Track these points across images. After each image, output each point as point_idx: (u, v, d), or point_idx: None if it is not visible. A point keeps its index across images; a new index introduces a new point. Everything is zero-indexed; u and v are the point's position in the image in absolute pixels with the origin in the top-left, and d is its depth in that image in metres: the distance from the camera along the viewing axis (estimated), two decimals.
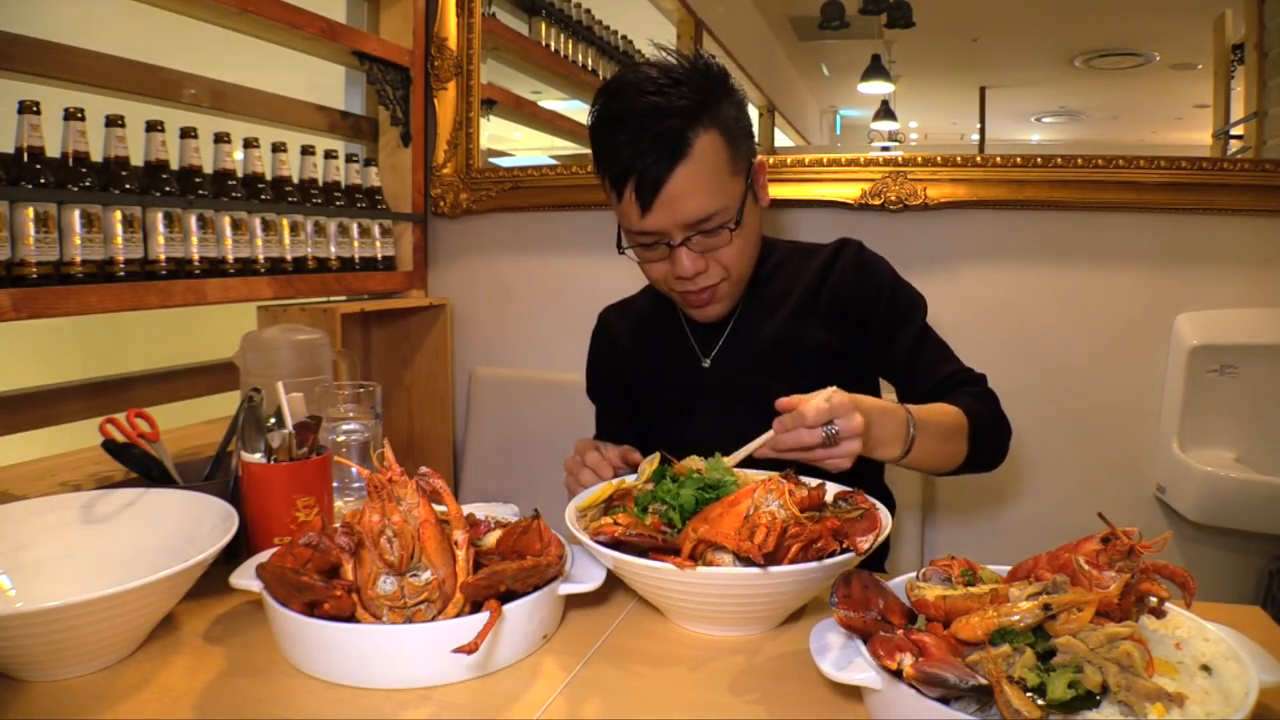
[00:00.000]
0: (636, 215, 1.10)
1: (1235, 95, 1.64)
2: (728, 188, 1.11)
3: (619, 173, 1.10)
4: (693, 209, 1.09)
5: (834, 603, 0.67)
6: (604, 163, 1.13)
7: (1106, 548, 0.68)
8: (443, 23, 1.99)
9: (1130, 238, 1.65)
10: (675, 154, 1.07)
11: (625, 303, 1.44)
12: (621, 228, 1.18)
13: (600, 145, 1.14)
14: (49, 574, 0.87)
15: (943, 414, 1.12)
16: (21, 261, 1.18)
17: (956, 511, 1.79)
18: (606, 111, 1.13)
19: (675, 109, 1.08)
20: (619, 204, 1.13)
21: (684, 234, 1.11)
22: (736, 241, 1.14)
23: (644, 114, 1.08)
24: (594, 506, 0.96)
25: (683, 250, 1.12)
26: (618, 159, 1.09)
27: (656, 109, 1.08)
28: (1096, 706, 0.57)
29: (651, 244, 1.14)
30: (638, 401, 1.36)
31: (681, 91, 1.09)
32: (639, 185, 1.08)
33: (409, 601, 0.75)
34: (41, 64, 1.31)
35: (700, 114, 1.08)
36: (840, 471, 0.96)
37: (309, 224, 1.68)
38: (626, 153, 1.08)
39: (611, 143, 1.10)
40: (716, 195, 1.10)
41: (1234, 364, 1.59)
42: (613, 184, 1.12)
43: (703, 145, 1.08)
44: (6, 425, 1.34)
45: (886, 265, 1.26)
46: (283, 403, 0.99)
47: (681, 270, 1.13)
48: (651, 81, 1.10)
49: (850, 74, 1.91)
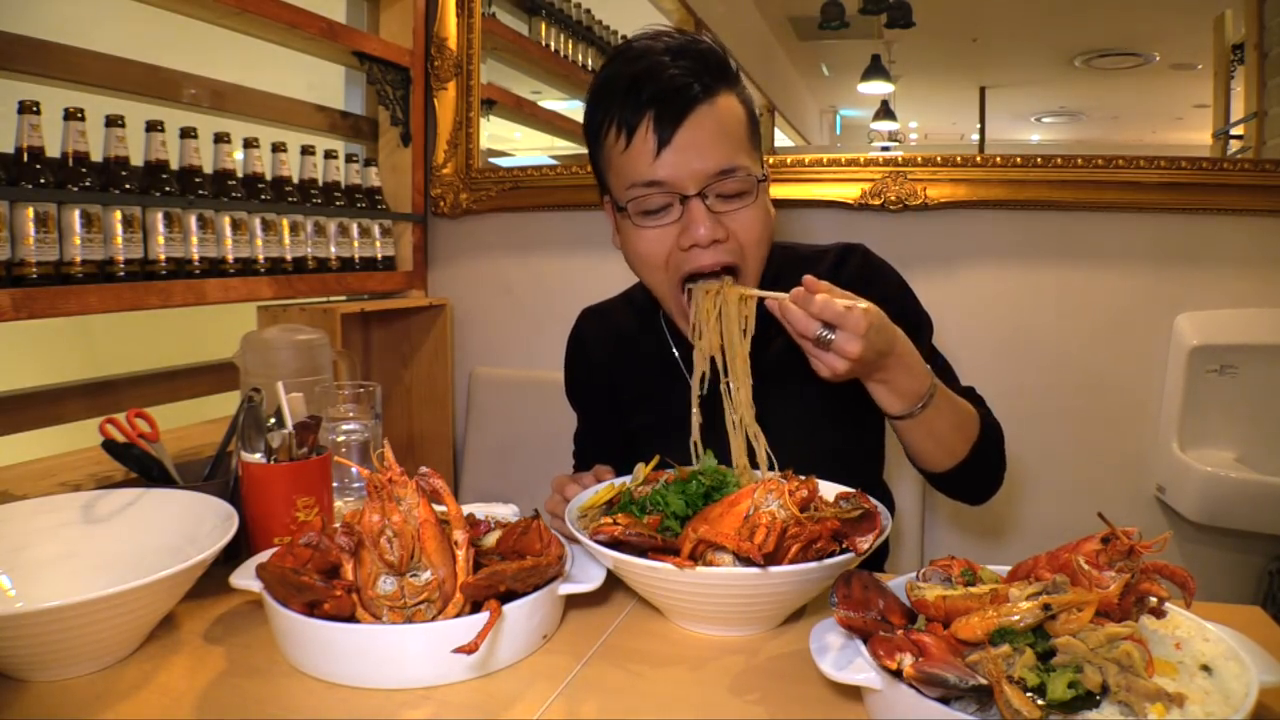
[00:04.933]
0: (648, 159, 0.99)
1: (1235, 95, 1.64)
2: (746, 151, 1.02)
3: (633, 111, 0.99)
4: (716, 155, 0.98)
5: (834, 603, 0.67)
6: (611, 114, 1.02)
7: (1106, 548, 0.68)
8: (443, 23, 1.99)
9: (1130, 238, 1.65)
10: (697, 95, 0.98)
11: (602, 312, 1.32)
12: (617, 189, 1.05)
13: (606, 102, 1.03)
14: (49, 574, 0.87)
15: (965, 407, 1.08)
16: (21, 261, 1.18)
17: (956, 511, 1.79)
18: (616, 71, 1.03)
19: (695, 69, 1.00)
20: (625, 153, 1.01)
21: (701, 185, 0.99)
22: (758, 211, 1.03)
23: (662, 63, 0.99)
24: (594, 507, 0.96)
25: (697, 205, 0.99)
26: (630, 100, 0.99)
27: (680, 52, 1.00)
28: (1096, 706, 0.57)
29: (660, 207, 1.01)
30: (618, 417, 1.27)
31: (702, 59, 1.01)
32: (656, 119, 0.97)
33: (409, 601, 0.75)
34: (41, 64, 1.31)
35: (719, 81, 1.01)
36: (822, 376, 0.93)
37: (309, 224, 1.68)
38: (642, 91, 0.98)
39: (624, 85, 1.00)
40: (738, 151, 1.00)
41: (1234, 364, 1.60)
42: (622, 128, 1.00)
43: (724, 100, 1.00)
44: (6, 425, 1.34)
45: (895, 274, 1.19)
46: (283, 403, 0.99)
47: (695, 234, 0.99)
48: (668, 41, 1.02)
49: (850, 74, 1.91)
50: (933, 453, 1.07)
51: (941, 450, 1.07)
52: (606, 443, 1.29)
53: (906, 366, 0.96)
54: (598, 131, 1.05)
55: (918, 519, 1.69)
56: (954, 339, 1.24)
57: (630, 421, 1.25)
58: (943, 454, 1.07)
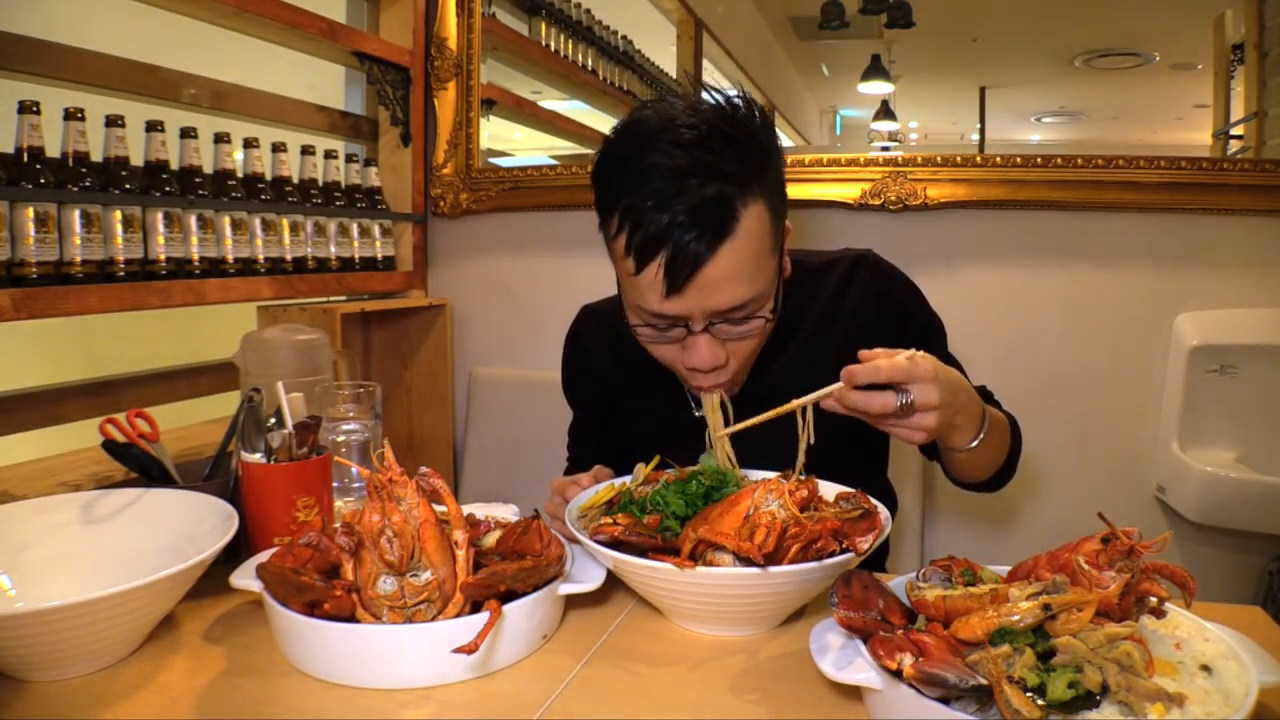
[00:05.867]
0: (657, 296, 0.91)
1: (1235, 95, 1.64)
2: (767, 269, 0.94)
3: (645, 243, 0.88)
4: (729, 295, 0.91)
5: (834, 603, 0.67)
6: (621, 223, 0.91)
7: (1106, 548, 0.68)
8: (443, 23, 1.99)
9: (1130, 238, 1.66)
10: (721, 229, 0.87)
11: (604, 312, 1.26)
12: (626, 298, 0.98)
13: (615, 198, 0.92)
14: (49, 574, 0.87)
15: (1002, 419, 1.05)
16: (21, 261, 1.18)
17: (957, 511, 1.79)
18: (630, 158, 0.91)
19: (724, 172, 0.88)
20: (633, 277, 0.92)
21: (708, 320, 0.93)
22: (759, 339, 0.99)
23: (683, 172, 0.87)
24: (594, 507, 0.96)
25: (703, 339, 0.94)
26: (643, 224, 0.88)
27: (699, 168, 0.87)
28: (1096, 706, 0.57)
29: (667, 327, 0.96)
30: (615, 420, 1.25)
31: (732, 149, 0.89)
32: (670, 263, 0.88)
33: (409, 601, 0.75)
34: (41, 64, 1.31)
35: (751, 179, 0.90)
36: (914, 444, 0.87)
37: (309, 224, 1.68)
38: (657, 219, 0.87)
39: (635, 202, 0.89)
40: (756, 280, 0.92)
41: (1234, 364, 1.60)
42: (632, 253, 0.90)
43: (750, 219, 0.89)
44: (6, 425, 1.34)
45: (907, 280, 1.16)
46: (283, 403, 0.99)
47: (697, 361, 0.95)
48: (693, 130, 0.89)
49: (850, 74, 1.91)
50: (981, 468, 1.06)
51: (986, 464, 1.07)
52: (602, 440, 1.29)
53: (970, 397, 0.92)
54: (605, 217, 0.96)
55: (918, 519, 1.69)
56: (954, 339, 1.24)
57: (628, 426, 1.24)
58: (986, 467, 1.07)
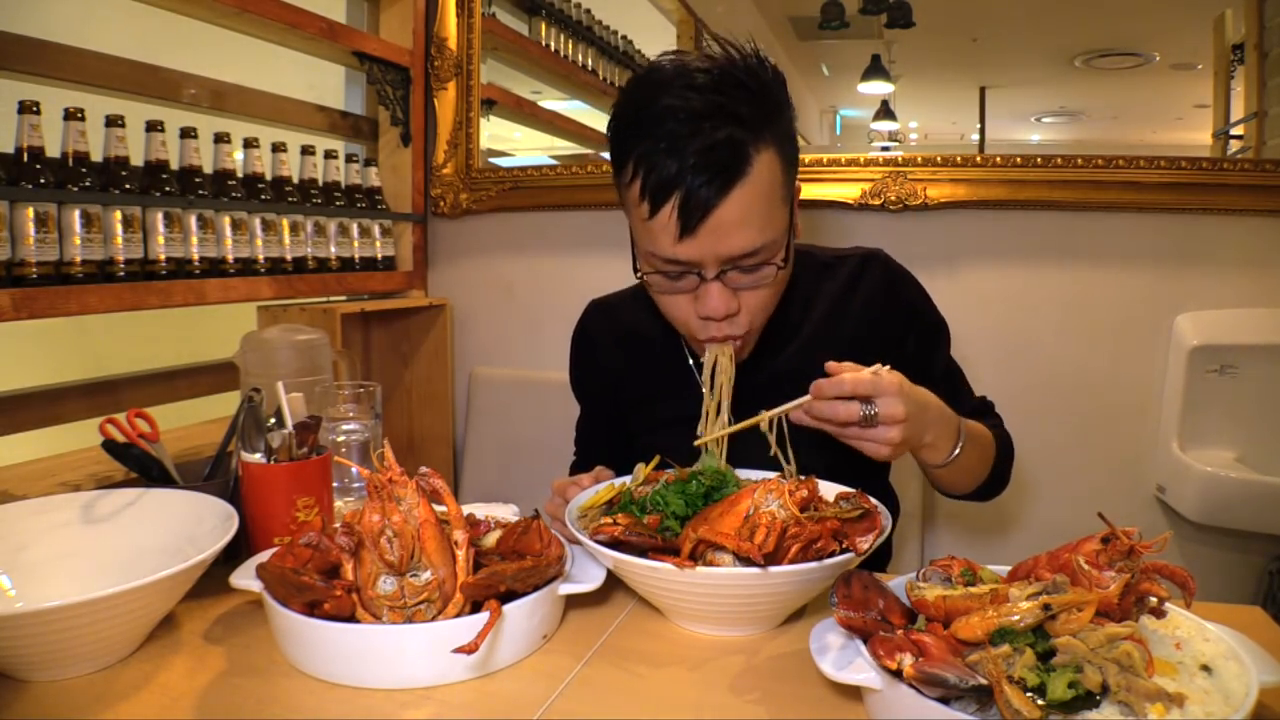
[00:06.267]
0: (670, 239, 0.92)
1: (1235, 95, 1.64)
2: (779, 217, 0.95)
3: (659, 186, 0.90)
4: (741, 241, 0.92)
5: (834, 603, 0.67)
6: (633, 167, 0.92)
7: (1106, 548, 0.68)
8: (443, 23, 1.99)
9: (1130, 238, 1.65)
10: (732, 172, 0.89)
11: (612, 307, 1.27)
12: (639, 247, 1.00)
13: (628, 144, 0.93)
14: (49, 574, 0.87)
15: (983, 434, 1.07)
16: (21, 261, 1.18)
17: (956, 512, 1.79)
18: (644, 105, 0.92)
19: (737, 115, 0.89)
20: (647, 221, 0.93)
21: (720, 266, 0.94)
22: (778, 282, 0.99)
23: (695, 115, 0.89)
24: (594, 507, 0.96)
25: (715, 286, 0.95)
26: (657, 167, 0.90)
27: (713, 110, 0.89)
28: (1096, 706, 0.57)
29: (678, 274, 0.97)
30: (623, 413, 1.25)
31: (745, 95, 0.90)
32: (683, 205, 0.89)
33: (409, 601, 0.75)
34: (41, 64, 1.31)
35: (763, 126, 0.91)
36: (881, 460, 0.90)
37: (309, 224, 1.68)
38: (669, 162, 0.89)
39: (647, 144, 0.90)
40: (767, 227, 0.93)
41: (1234, 364, 1.60)
42: (646, 196, 0.91)
43: (762, 165, 0.90)
44: (6, 425, 1.34)
45: (917, 282, 1.17)
46: (283, 403, 0.99)
47: (710, 309, 0.96)
48: (707, 74, 0.90)
49: (850, 74, 1.91)
50: (960, 484, 1.10)
51: (968, 479, 1.10)
52: (609, 435, 1.29)
53: (935, 407, 0.94)
54: (619, 165, 0.97)
55: (918, 519, 1.69)
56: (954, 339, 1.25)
57: (634, 421, 1.24)
58: (969, 481, 1.11)
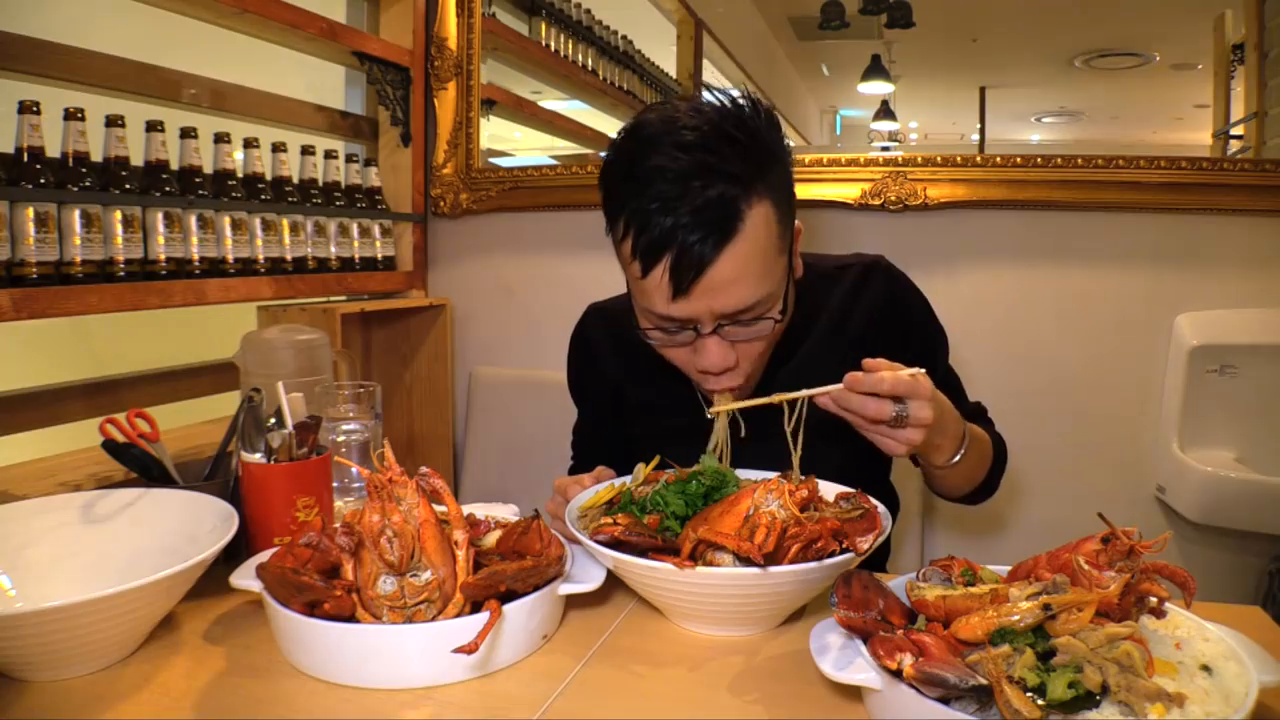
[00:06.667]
0: (664, 299, 0.92)
1: (1235, 95, 1.64)
2: (775, 269, 0.95)
3: (650, 246, 0.89)
4: (736, 298, 0.91)
5: (834, 603, 0.67)
6: (627, 227, 0.92)
7: (1106, 548, 0.68)
8: (443, 23, 1.99)
9: (1130, 238, 1.66)
10: (725, 231, 0.88)
11: (610, 312, 1.25)
12: (635, 301, 0.99)
13: (621, 203, 0.93)
14: (49, 574, 0.87)
15: (983, 438, 1.10)
16: (21, 261, 1.18)
17: (956, 512, 1.79)
18: (634, 162, 0.92)
19: (726, 173, 0.89)
20: (640, 280, 0.93)
21: (716, 322, 0.94)
22: (769, 341, 0.99)
23: (685, 175, 0.88)
24: (594, 507, 0.96)
25: (712, 340, 0.95)
26: (648, 227, 0.89)
27: (702, 169, 0.88)
28: (1096, 706, 0.57)
29: (676, 330, 0.96)
30: (621, 420, 1.24)
31: (735, 150, 0.90)
32: (675, 265, 0.89)
33: (409, 601, 0.75)
34: (41, 64, 1.31)
35: (755, 180, 0.90)
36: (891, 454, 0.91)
37: (309, 224, 1.68)
38: (661, 222, 0.88)
39: (640, 205, 0.90)
40: (764, 280, 0.93)
41: (1234, 364, 1.60)
42: (638, 256, 0.91)
43: (755, 220, 0.90)
44: (6, 425, 1.34)
45: (919, 291, 1.17)
46: (283, 403, 0.99)
47: (707, 364, 0.96)
48: (696, 131, 0.90)
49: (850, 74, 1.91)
50: (957, 486, 1.11)
51: (966, 482, 1.11)
52: (606, 439, 1.29)
53: (953, 418, 0.96)
54: (612, 222, 0.96)
55: (918, 519, 1.69)
56: (954, 339, 1.24)
57: (633, 425, 1.24)
58: (964, 485, 1.12)
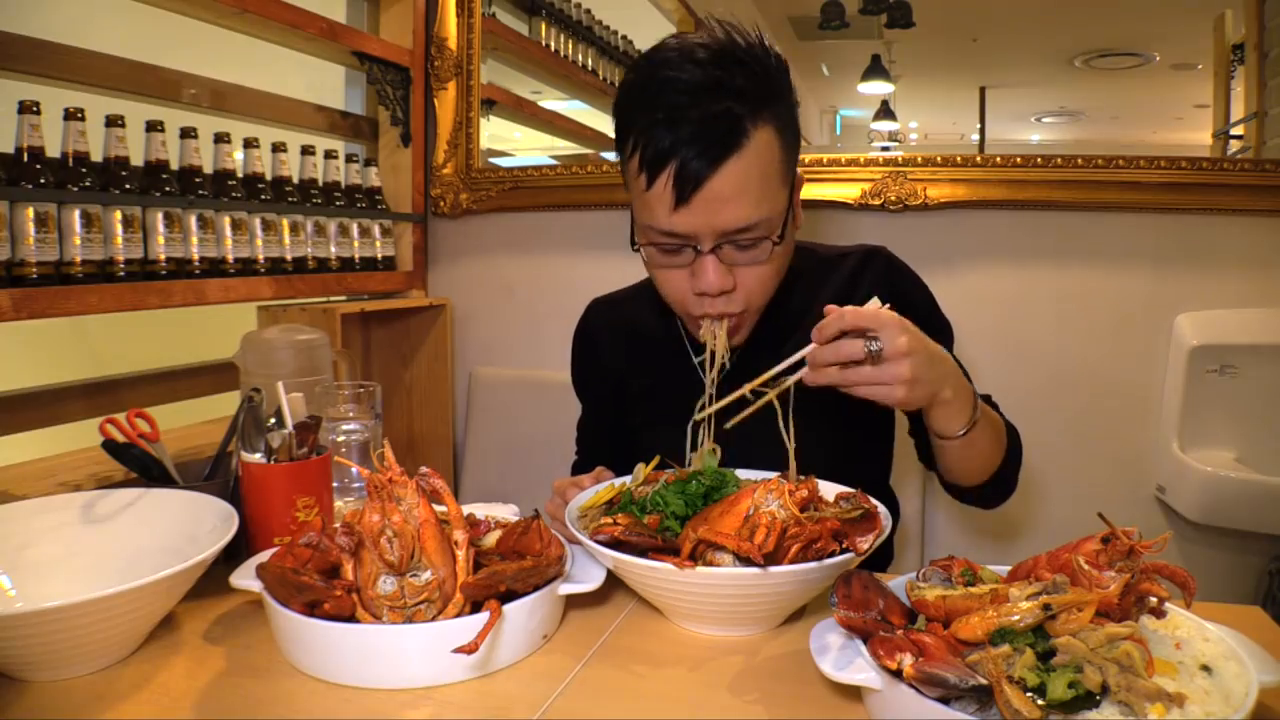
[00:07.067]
0: (665, 210, 0.94)
1: (1235, 95, 1.64)
2: (776, 196, 0.96)
3: (654, 155, 0.92)
4: (735, 214, 0.93)
5: (834, 603, 0.67)
6: (633, 140, 0.94)
7: (1106, 548, 0.68)
8: (443, 23, 1.99)
9: (1130, 238, 1.66)
10: (728, 143, 0.90)
11: (613, 303, 1.28)
12: (637, 221, 1.01)
13: (630, 119, 0.95)
14: (49, 574, 0.87)
15: (996, 418, 1.04)
16: (21, 261, 1.18)
17: (957, 512, 1.79)
18: (645, 80, 0.94)
19: (734, 89, 0.91)
20: (645, 192, 0.95)
21: (716, 240, 0.95)
22: (774, 260, 0.99)
23: (694, 88, 0.91)
24: (594, 507, 0.96)
25: (710, 259, 0.96)
26: (654, 138, 0.92)
27: (711, 84, 0.91)
28: (1096, 706, 0.57)
29: (675, 248, 0.98)
30: (625, 411, 1.25)
31: (743, 71, 0.92)
32: (678, 174, 0.91)
33: (409, 601, 0.75)
34: (41, 64, 1.31)
35: (761, 103, 0.92)
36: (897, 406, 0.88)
37: (309, 224, 1.68)
38: (666, 133, 0.91)
39: (647, 117, 0.92)
40: (764, 202, 0.94)
41: (1234, 364, 1.60)
42: (643, 167, 0.93)
43: (759, 140, 0.92)
44: (6, 425, 1.34)
45: (919, 279, 1.17)
46: (283, 403, 0.99)
47: (705, 284, 0.97)
48: (706, 50, 0.92)
49: (850, 74, 1.91)
50: (974, 468, 1.05)
51: (983, 462, 1.05)
52: (611, 434, 1.29)
53: (956, 376, 0.93)
54: (622, 142, 0.99)
55: (919, 520, 1.69)
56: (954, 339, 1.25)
57: (635, 416, 1.24)
58: (981, 466, 1.05)
